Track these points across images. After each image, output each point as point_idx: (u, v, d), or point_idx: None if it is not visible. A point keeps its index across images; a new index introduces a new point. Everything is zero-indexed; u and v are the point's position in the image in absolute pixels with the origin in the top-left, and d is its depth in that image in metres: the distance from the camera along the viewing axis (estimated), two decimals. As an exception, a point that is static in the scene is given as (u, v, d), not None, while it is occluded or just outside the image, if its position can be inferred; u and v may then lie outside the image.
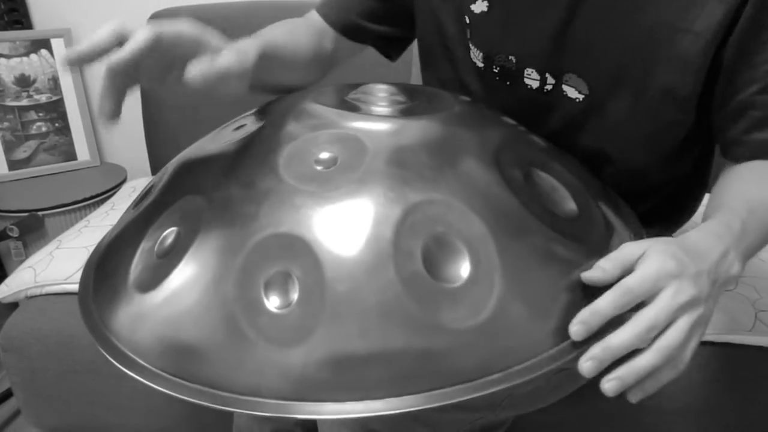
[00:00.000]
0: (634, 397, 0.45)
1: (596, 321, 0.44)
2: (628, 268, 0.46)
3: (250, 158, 0.53)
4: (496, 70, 0.71)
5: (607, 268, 0.46)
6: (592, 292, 0.47)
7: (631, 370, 0.43)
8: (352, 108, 0.58)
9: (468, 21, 0.71)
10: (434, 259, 0.45)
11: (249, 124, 0.59)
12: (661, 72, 0.62)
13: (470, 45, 0.73)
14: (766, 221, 0.56)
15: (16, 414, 1.31)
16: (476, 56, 0.73)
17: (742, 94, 0.61)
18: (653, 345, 0.44)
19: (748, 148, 0.63)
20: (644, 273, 0.45)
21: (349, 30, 0.82)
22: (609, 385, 0.43)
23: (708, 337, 0.83)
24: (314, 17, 0.83)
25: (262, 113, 0.61)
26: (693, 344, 0.46)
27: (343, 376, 0.42)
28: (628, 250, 0.48)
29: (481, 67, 0.73)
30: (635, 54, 0.62)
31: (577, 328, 0.44)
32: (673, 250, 0.47)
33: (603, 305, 0.44)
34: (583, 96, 0.67)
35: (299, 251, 0.45)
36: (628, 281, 0.45)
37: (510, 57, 0.69)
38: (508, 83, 0.71)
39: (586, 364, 0.43)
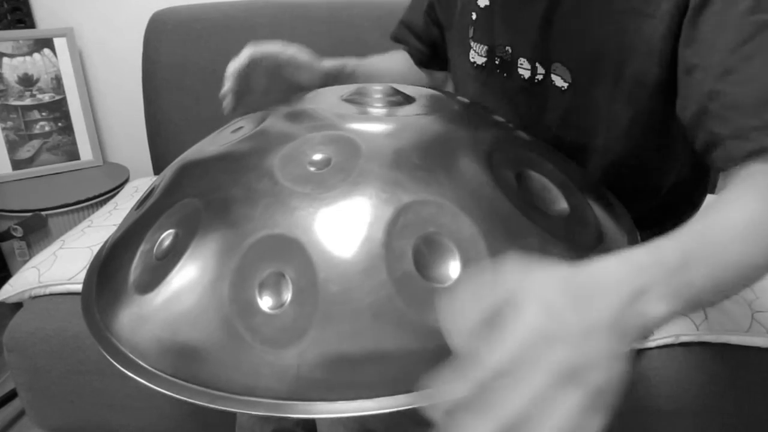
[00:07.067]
0: None
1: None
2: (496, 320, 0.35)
3: (247, 160, 0.53)
4: (497, 62, 0.74)
5: (458, 343, 0.35)
6: None
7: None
8: (348, 109, 0.59)
9: (474, 17, 0.75)
10: (425, 259, 0.45)
11: (247, 126, 0.60)
12: (633, 59, 0.63)
13: (471, 43, 0.76)
14: (720, 248, 0.43)
15: (21, 414, 1.32)
16: (479, 52, 0.76)
17: (703, 86, 0.55)
18: None
19: (720, 153, 0.53)
20: (499, 358, 0.33)
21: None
22: None
23: (705, 338, 0.83)
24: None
25: (260, 115, 0.62)
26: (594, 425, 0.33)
27: (337, 376, 0.43)
28: (495, 297, 0.36)
29: (482, 64, 0.76)
30: (609, 41, 0.63)
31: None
32: (553, 297, 0.35)
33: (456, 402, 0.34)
34: (567, 84, 0.68)
35: (293, 252, 0.45)
36: (479, 375, 0.33)
37: (506, 47, 0.72)
38: (505, 75, 0.74)
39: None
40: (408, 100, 0.62)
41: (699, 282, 0.40)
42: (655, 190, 0.75)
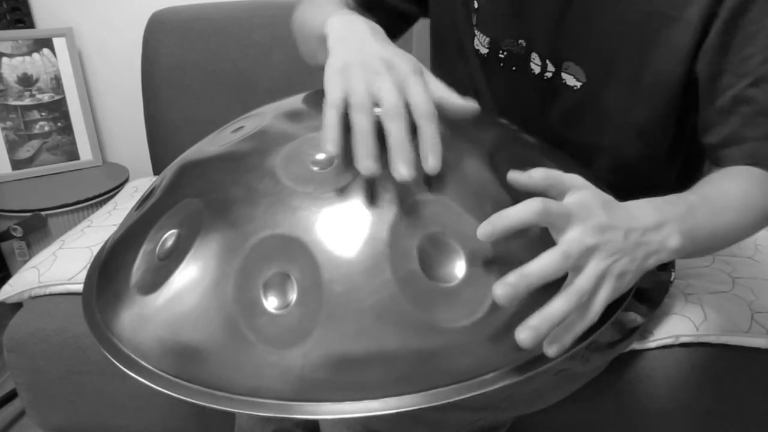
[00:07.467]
0: (551, 350, 0.43)
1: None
2: (554, 192, 0.47)
3: (248, 160, 0.53)
4: (502, 56, 0.73)
5: (535, 177, 0.46)
6: None
7: (543, 317, 0.42)
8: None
9: (477, 6, 0.73)
10: (430, 259, 0.45)
11: (247, 125, 0.60)
12: (654, 61, 0.62)
13: (475, 32, 0.74)
14: (718, 208, 0.55)
15: (21, 414, 1.32)
16: (481, 42, 0.74)
17: (733, 89, 0.60)
18: (562, 291, 0.43)
19: (743, 150, 0.61)
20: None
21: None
22: (524, 335, 0.41)
23: (705, 339, 0.83)
24: None
25: (260, 115, 0.61)
26: (603, 295, 0.44)
27: (341, 377, 0.43)
28: (566, 177, 0.47)
29: (484, 54, 0.74)
30: (629, 43, 0.63)
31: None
32: (597, 201, 0.46)
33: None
34: (580, 84, 0.67)
35: (297, 253, 0.45)
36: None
37: (520, 41, 0.70)
38: (513, 68, 0.72)
39: (499, 292, 0.41)
40: None
41: (702, 227, 0.53)
42: (656, 188, 0.75)
